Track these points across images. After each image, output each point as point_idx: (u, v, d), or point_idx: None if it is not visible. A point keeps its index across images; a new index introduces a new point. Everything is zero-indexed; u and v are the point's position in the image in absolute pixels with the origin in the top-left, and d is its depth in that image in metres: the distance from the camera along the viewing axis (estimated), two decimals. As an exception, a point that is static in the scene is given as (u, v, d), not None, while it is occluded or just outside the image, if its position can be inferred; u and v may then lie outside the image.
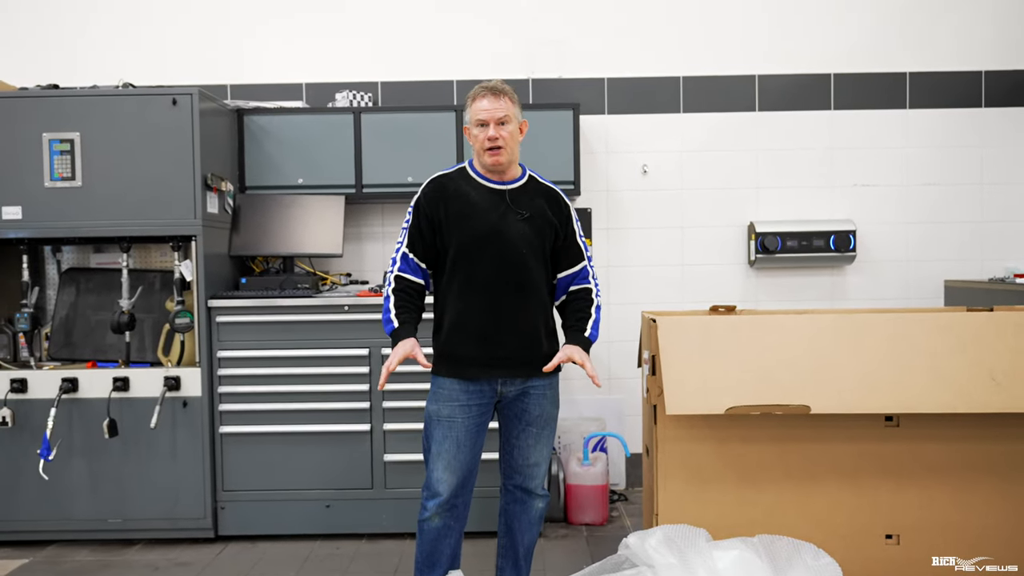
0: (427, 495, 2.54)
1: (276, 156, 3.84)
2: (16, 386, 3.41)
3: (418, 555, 2.59)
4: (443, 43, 4.17)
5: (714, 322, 2.81)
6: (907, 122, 4.18)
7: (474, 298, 2.47)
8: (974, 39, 4.16)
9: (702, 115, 4.18)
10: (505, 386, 2.52)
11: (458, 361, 2.50)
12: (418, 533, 2.58)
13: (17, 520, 3.46)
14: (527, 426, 2.56)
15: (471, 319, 2.48)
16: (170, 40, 4.17)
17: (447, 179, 2.55)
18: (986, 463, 2.76)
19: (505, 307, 2.48)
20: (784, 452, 2.79)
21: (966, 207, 4.19)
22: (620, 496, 4.01)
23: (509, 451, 2.61)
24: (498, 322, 2.47)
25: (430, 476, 2.53)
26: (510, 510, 2.66)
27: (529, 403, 2.55)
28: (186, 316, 3.43)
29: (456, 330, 2.49)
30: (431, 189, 2.54)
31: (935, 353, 2.71)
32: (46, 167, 3.41)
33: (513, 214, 2.50)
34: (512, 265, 2.48)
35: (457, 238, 2.48)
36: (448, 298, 2.51)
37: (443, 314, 2.54)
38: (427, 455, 2.55)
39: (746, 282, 4.20)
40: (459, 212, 2.48)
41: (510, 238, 2.47)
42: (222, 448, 3.49)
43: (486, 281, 2.47)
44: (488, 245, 2.46)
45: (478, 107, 2.46)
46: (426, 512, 2.53)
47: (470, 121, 2.49)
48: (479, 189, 2.52)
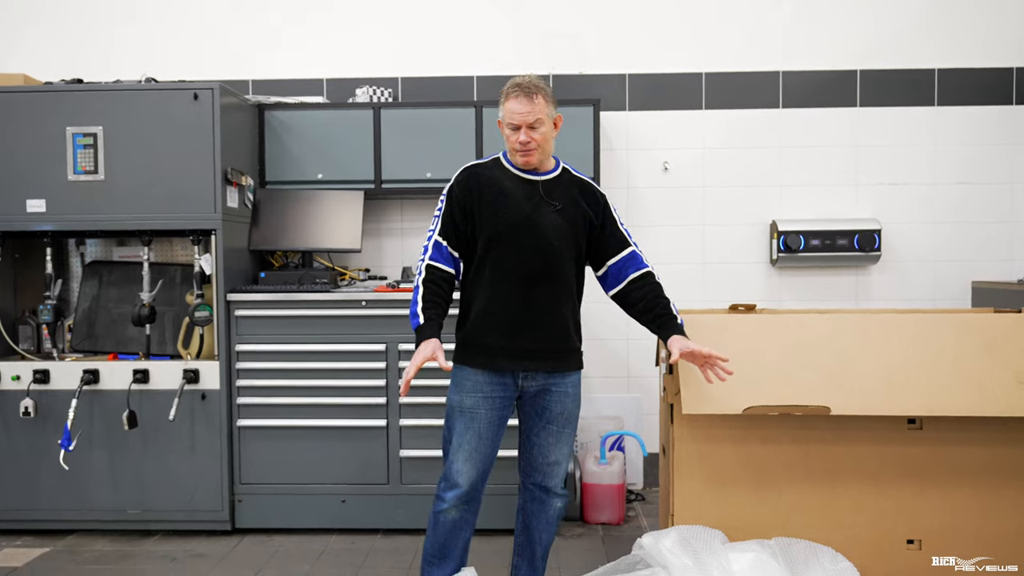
0: (445, 486, 2.49)
1: (296, 151, 3.85)
2: (39, 377, 3.46)
3: (429, 547, 2.54)
4: (463, 39, 4.16)
5: (733, 321, 2.77)
6: (935, 119, 4.10)
7: (505, 287, 2.44)
8: (1004, 35, 4.07)
9: (724, 112, 4.13)
10: (527, 380, 2.49)
11: (485, 351, 2.46)
12: (431, 525, 2.53)
13: (38, 509, 3.50)
14: (548, 423, 2.53)
15: (501, 308, 2.45)
16: (192, 35, 4.20)
17: (482, 168, 2.53)
18: (1012, 467, 2.70)
19: (536, 298, 2.45)
20: (803, 454, 2.74)
21: (995, 206, 4.10)
22: (637, 496, 3.98)
23: (529, 449, 2.57)
24: (528, 313, 2.45)
25: (450, 467, 2.49)
26: (528, 508, 2.63)
27: (551, 400, 2.51)
28: (205, 309, 3.45)
29: (484, 319, 2.46)
30: (465, 177, 2.50)
31: (960, 354, 2.65)
32: (70, 161, 3.45)
33: (546, 205, 2.47)
34: (544, 256, 2.45)
35: (490, 226, 2.44)
36: (478, 287, 2.47)
37: (471, 302, 2.49)
38: (447, 446, 2.52)
39: (768, 281, 4.15)
40: (493, 201, 2.45)
41: (543, 229, 2.45)
42: (239, 441, 3.51)
43: (518, 271, 2.44)
44: (521, 235, 2.43)
45: (511, 109, 2.43)
46: (443, 504, 2.49)
47: (503, 118, 2.47)
48: (513, 179, 2.49)
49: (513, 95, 2.44)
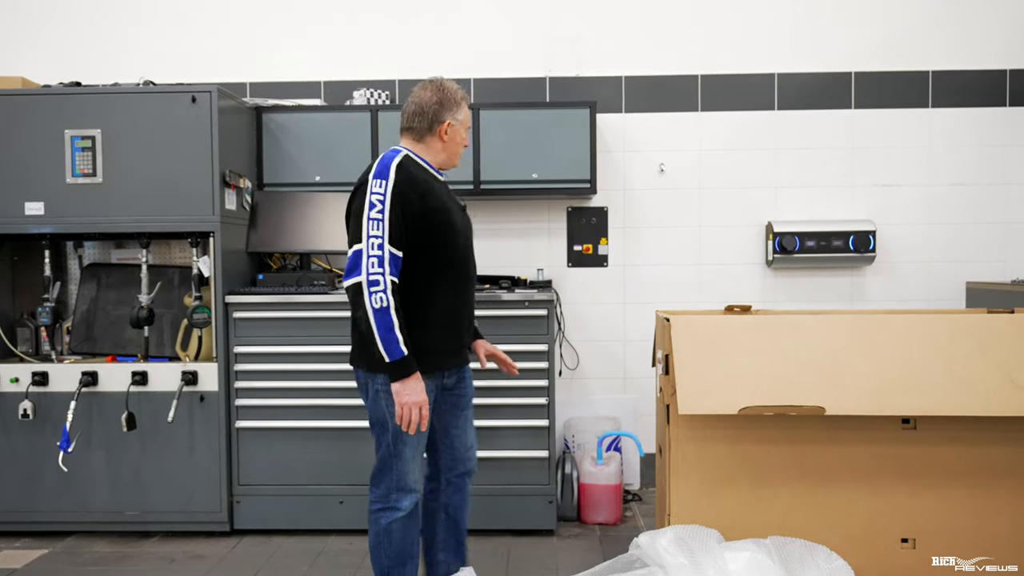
0: (399, 496, 2.44)
1: (294, 153, 3.87)
2: (37, 379, 3.47)
3: (387, 560, 2.47)
4: (461, 41, 4.18)
5: (728, 322, 2.79)
6: (930, 121, 4.13)
7: (461, 291, 2.49)
8: (998, 37, 4.10)
9: (720, 114, 4.15)
10: (450, 376, 2.54)
11: (437, 356, 2.43)
12: (383, 538, 2.46)
13: (37, 511, 3.51)
14: (463, 411, 2.61)
15: (455, 313, 2.48)
16: (190, 38, 4.21)
17: (414, 167, 2.41)
18: (1005, 467, 2.72)
19: (470, 296, 2.56)
20: (799, 454, 2.76)
21: (990, 207, 4.12)
22: (634, 496, 3.99)
23: (450, 442, 2.60)
24: (467, 312, 2.55)
25: (406, 477, 2.43)
26: (452, 502, 2.64)
27: (465, 387, 2.61)
28: (204, 311, 3.46)
29: (444, 326, 2.45)
30: (405, 179, 2.34)
31: (954, 355, 2.66)
32: (68, 163, 3.46)
33: (458, 206, 2.56)
34: (471, 256, 2.56)
35: (442, 231, 2.40)
36: (436, 291, 2.41)
37: (426, 309, 2.40)
38: (396, 460, 2.43)
39: (764, 282, 4.17)
40: (437, 206, 2.39)
41: (465, 231, 2.55)
42: (238, 442, 3.52)
43: (465, 273, 2.51)
44: (460, 236, 2.48)
45: (468, 114, 2.53)
46: (399, 512, 2.45)
47: (462, 121, 2.50)
48: (437, 181, 2.48)
49: (466, 101, 2.51)
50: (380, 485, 2.47)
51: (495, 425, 3.48)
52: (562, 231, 4.18)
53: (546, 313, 3.50)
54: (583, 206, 4.16)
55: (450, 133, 2.47)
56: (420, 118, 2.46)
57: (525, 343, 3.48)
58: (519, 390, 3.48)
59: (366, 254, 2.27)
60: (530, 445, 3.49)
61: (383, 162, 2.36)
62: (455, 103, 2.47)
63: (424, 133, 2.47)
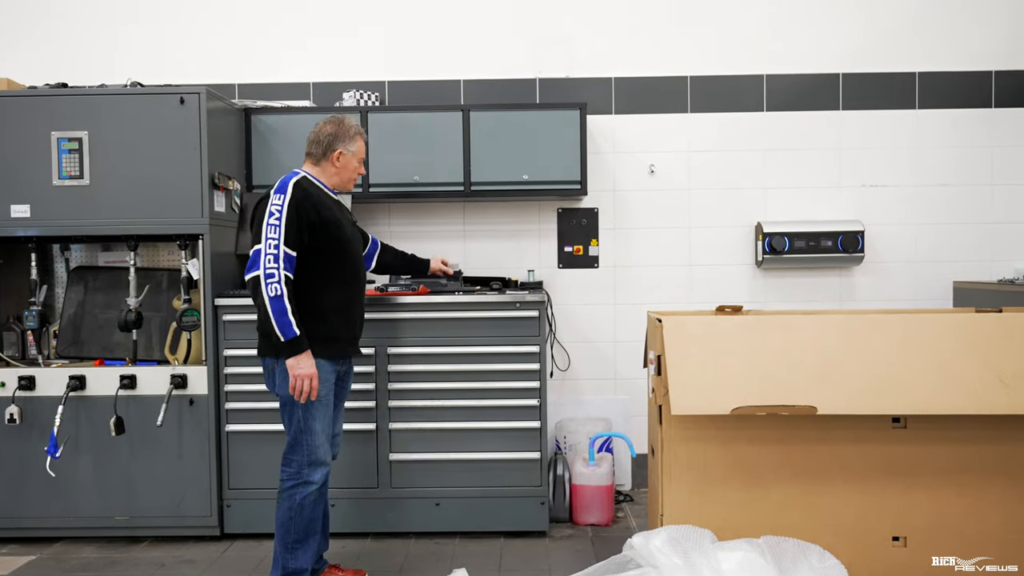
0: (311, 470, 2.78)
1: (283, 155, 3.85)
2: (24, 383, 3.43)
3: (293, 534, 2.78)
4: (451, 42, 4.17)
5: (720, 322, 2.80)
6: (917, 122, 4.16)
7: (354, 287, 2.94)
8: (984, 39, 4.14)
9: (710, 115, 4.16)
10: (344, 364, 2.97)
11: (338, 343, 2.86)
12: (295, 513, 2.77)
13: (24, 517, 3.47)
14: (342, 401, 3.04)
15: (351, 306, 2.91)
16: (178, 39, 4.18)
17: (309, 186, 2.83)
18: (995, 464, 2.74)
19: (361, 294, 3.01)
20: (790, 453, 2.77)
21: (976, 208, 4.16)
22: (626, 497, 4.00)
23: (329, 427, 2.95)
24: (360, 307, 2.99)
25: (315, 450, 2.79)
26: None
27: (348, 381, 3.06)
28: (193, 315, 3.44)
29: (341, 315, 2.87)
30: (302, 195, 2.76)
31: (943, 354, 2.68)
32: (54, 166, 3.43)
33: (349, 220, 3.04)
34: (360, 259, 3.02)
35: (335, 239, 2.83)
36: (327, 288, 2.82)
37: (323, 302, 2.80)
38: (307, 434, 2.78)
39: (753, 282, 4.19)
40: (330, 218, 2.83)
41: (355, 239, 3.01)
42: (228, 446, 3.49)
43: (356, 273, 2.94)
44: (351, 244, 2.94)
45: (362, 148, 2.97)
46: (312, 486, 2.78)
47: (355, 153, 2.93)
48: (330, 199, 2.91)
49: (361, 136, 2.95)
50: (292, 463, 2.80)
51: (486, 427, 3.48)
52: (552, 232, 4.18)
53: (537, 314, 3.50)
54: (573, 207, 4.17)
55: (342, 161, 2.92)
56: (317, 145, 2.91)
57: (516, 344, 3.48)
58: (510, 391, 3.47)
59: (264, 253, 2.67)
60: (522, 446, 3.49)
61: (283, 181, 2.79)
62: (349, 137, 2.92)
63: (319, 158, 2.92)
